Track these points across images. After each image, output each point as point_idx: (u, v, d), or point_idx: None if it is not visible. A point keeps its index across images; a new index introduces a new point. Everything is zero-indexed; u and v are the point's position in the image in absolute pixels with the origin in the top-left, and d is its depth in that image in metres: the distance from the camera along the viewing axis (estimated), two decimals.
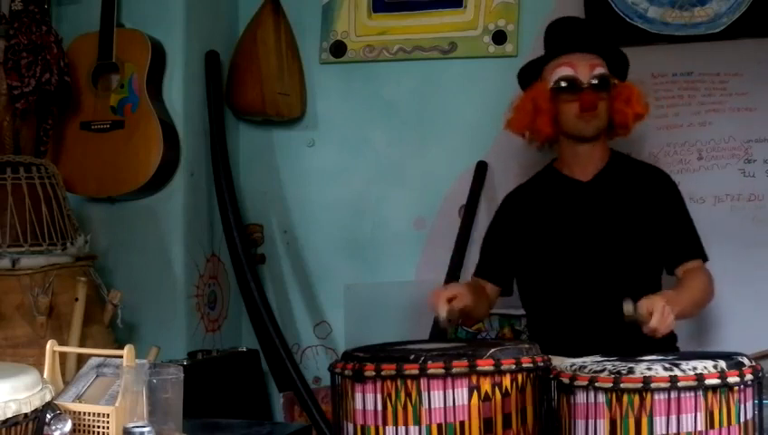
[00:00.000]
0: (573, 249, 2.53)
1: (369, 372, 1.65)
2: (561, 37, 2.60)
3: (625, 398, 1.46)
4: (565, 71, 2.51)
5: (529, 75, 2.63)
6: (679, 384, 1.45)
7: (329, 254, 3.45)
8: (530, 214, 2.63)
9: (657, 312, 2.14)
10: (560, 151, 2.65)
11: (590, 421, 1.50)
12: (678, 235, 2.53)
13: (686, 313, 2.38)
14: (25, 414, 1.45)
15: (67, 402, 1.69)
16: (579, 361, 1.62)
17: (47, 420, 1.53)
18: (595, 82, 2.48)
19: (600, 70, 2.50)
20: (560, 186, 2.61)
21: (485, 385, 1.63)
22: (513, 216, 2.67)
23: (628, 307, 2.17)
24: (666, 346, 2.43)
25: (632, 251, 2.50)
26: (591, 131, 2.53)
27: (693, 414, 1.45)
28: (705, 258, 2.54)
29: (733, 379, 1.47)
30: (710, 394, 1.46)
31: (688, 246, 2.53)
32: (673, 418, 1.45)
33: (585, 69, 2.49)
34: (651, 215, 2.51)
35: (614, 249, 2.50)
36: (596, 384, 1.49)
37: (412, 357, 1.63)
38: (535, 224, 2.60)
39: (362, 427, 1.67)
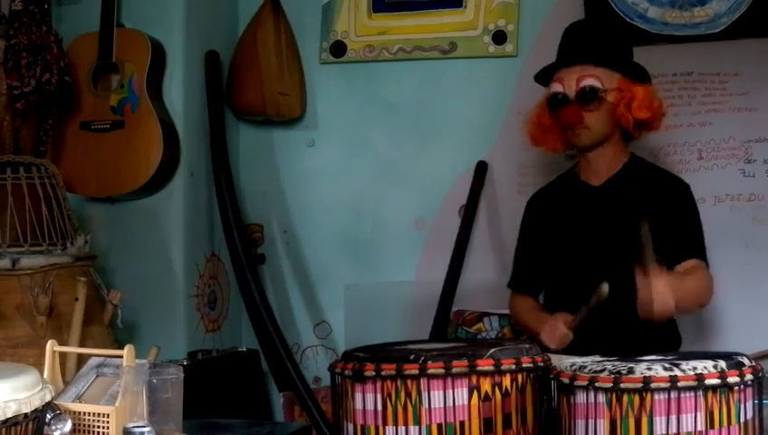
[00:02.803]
0: (582, 252, 2.54)
1: (369, 372, 1.65)
2: (561, 50, 2.60)
3: (625, 398, 1.46)
4: (555, 87, 2.53)
5: (547, 79, 2.64)
6: (679, 384, 1.45)
7: (329, 254, 3.45)
8: (549, 217, 2.65)
9: (657, 294, 2.15)
10: (578, 156, 2.66)
11: (590, 421, 1.50)
12: (682, 234, 2.51)
13: (684, 304, 2.36)
14: (25, 414, 1.45)
15: (67, 402, 1.69)
16: (579, 361, 1.62)
17: (47, 420, 1.53)
18: (580, 95, 2.48)
19: (587, 82, 2.47)
20: (575, 190, 2.62)
21: (485, 385, 1.63)
22: (536, 220, 2.69)
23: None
24: (668, 347, 2.43)
25: (637, 256, 2.50)
26: (584, 142, 2.54)
27: (693, 414, 1.45)
28: (706, 262, 2.53)
29: (733, 379, 1.47)
30: (710, 394, 1.46)
31: (690, 246, 2.51)
32: (673, 418, 1.45)
33: (572, 83, 2.49)
34: (659, 220, 2.50)
35: (620, 254, 2.50)
36: (596, 384, 1.49)
37: (412, 357, 1.63)
38: (552, 227, 2.62)
39: (362, 427, 1.67)
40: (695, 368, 1.46)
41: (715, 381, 1.46)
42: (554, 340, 2.40)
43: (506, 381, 1.64)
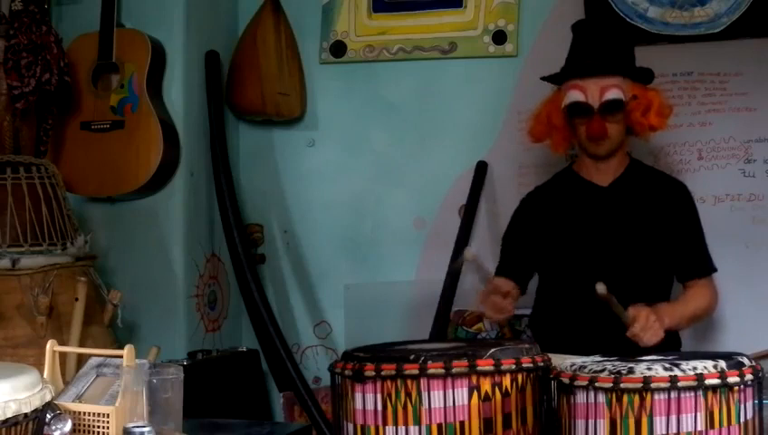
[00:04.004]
0: (588, 251, 2.54)
1: (369, 372, 1.65)
2: (574, 54, 2.59)
3: (625, 398, 1.46)
4: (575, 95, 2.50)
5: (554, 78, 2.63)
6: (679, 384, 1.44)
7: (329, 254, 3.45)
8: (549, 215, 2.64)
9: (641, 319, 2.22)
10: (579, 157, 2.66)
11: (590, 421, 1.50)
12: (688, 251, 2.56)
13: (679, 326, 2.48)
14: (25, 414, 1.45)
15: (67, 402, 1.69)
16: (579, 361, 1.62)
17: (47, 420, 1.53)
18: (605, 106, 2.47)
19: (612, 94, 2.47)
20: (579, 189, 2.62)
21: (485, 385, 1.62)
22: (533, 215, 2.68)
23: (600, 287, 2.16)
24: (669, 347, 2.44)
25: (644, 257, 2.52)
26: (603, 153, 2.55)
27: (693, 414, 1.45)
28: (712, 272, 2.58)
29: (733, 379, 1.47)
30: (710, 394, 1.46)
31: (697, 264, 2.56)
32: (673, 418, 1.45)
33: (595, 92, 2.47)
34: (665, 224, 2.53)
35: (626, 254, 2.51)
36: (596, 384, 1.48)
37: (412, 357, 1.63)
38: (553, 225, 2.62)
39: (362, 427, 1.67)
40: (695, 368, 1.46)
41: (715, 381, 1.46)
42: (487, 304, 2.39)
43: (506, 381, 1.64)
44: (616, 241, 2.52)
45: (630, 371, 1.47)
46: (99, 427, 1.67)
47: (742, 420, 1.49)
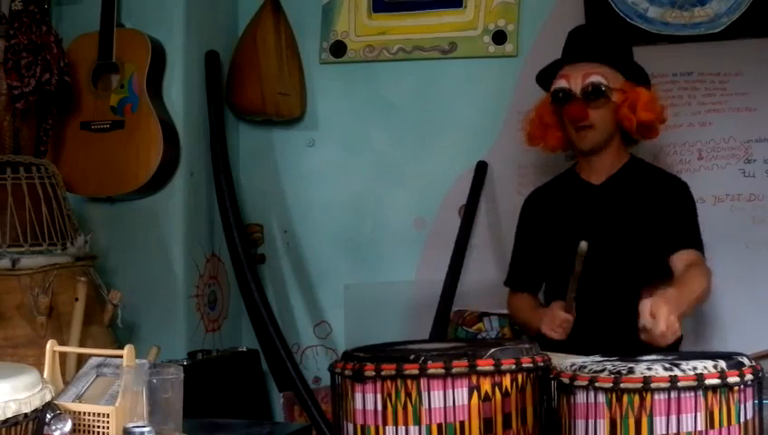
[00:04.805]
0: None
1: (369, 372, 1.65)
2: (566, 49, 2.60)
3: (625, 398, 1.46)
4: (559, 83, 2.52)
5: (547, 80, 2.63)
6: (679, 384, 1.44)
7: (329, 254, 3.45)
8: (547, 215, 2.65)
9: (662, 319, 2.07)
10: (578, 157, 2.67)
11: (590, 421, 1.50)
12: (678, 225, 2.50)
13: (686, 314, 2.37)
14: (25, 414, 1.45)
15: (67, 402, 1.69)
16: (579, 361, 1.62)
17: (47, 420, 1.53)
18: (586, 91, 2.47)
19: (593, 78, 2.47)
20: (575, 188, 2.63)
21: (485, 385, 1.62)
22: (534, 218, 2.69)
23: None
24: (668, 347, 2.43)
25: (638, 255, 2.50)
26: (587, 146, 2.53)
27: (693, 414, 1.45)
28: (702, 253, 2.51)
29: (733, 379, 1.47)
30: (710, 394, 1.46)
31: (686, 236, 2.50)
32: (673, 418, 1.45)
33: (578, 79, 2.48)
34: (658, 217, 2.50)
35: (621, 252, 2.50)
36: (596, 384, 1.48)
37: (412, 357, 1.63)
38: (551, 224, 2.63)
39: (362, 427, 1.67)
40: (695, 368, 1.46)
41: (715, 381, 1.46)
42: (556, 328, 2.40)
43: (506, 381, 1.64)
44: (608, 240, 2.51)
45: (630, 371, 1.47)
46: (99, 427, 1.67)
47: (742, 420, 1.49)
